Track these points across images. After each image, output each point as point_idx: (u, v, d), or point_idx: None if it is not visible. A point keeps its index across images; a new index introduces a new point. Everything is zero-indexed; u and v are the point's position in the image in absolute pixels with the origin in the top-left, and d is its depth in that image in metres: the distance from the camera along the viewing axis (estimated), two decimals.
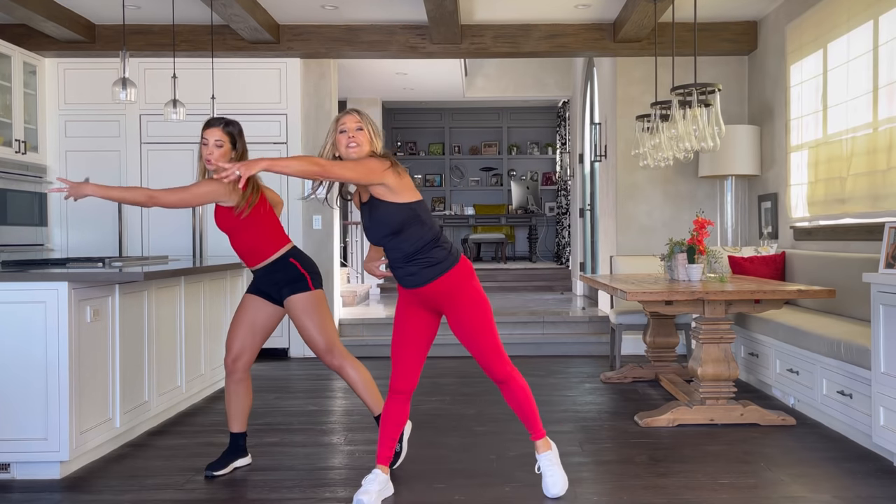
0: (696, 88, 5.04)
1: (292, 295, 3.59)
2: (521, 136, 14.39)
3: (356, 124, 3.15)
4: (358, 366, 3.70)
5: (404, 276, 3.16)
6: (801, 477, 3.50)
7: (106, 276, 3.66)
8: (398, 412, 3.23)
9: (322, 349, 3.62)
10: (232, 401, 3.68)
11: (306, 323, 3.59)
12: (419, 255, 3.11)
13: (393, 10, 6.45)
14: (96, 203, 6.95)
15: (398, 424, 3.25)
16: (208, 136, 3.54)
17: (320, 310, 3.62)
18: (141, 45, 6.77)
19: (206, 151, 3.54)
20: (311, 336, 3.60)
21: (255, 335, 3.65)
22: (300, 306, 3.59)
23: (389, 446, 3.24)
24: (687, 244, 4.85)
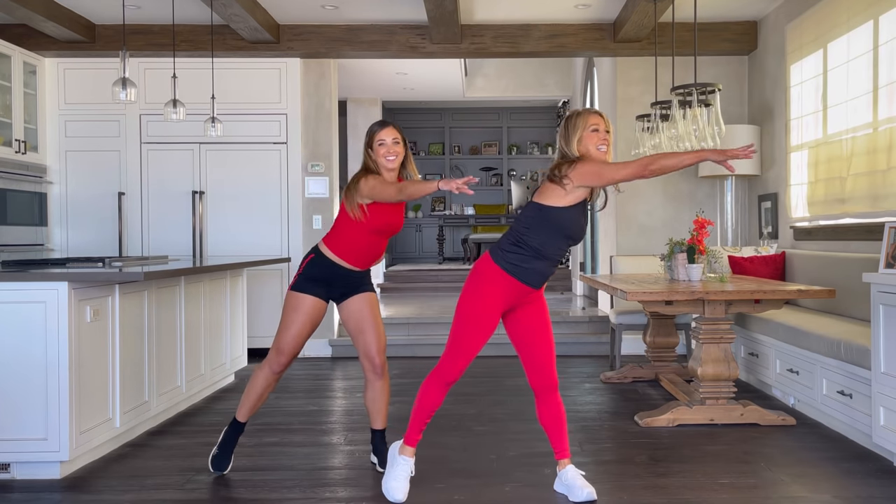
0: (696, 88, 5.04)
1: (370, 291, 3.62)
2: (521, 136, 14.38)
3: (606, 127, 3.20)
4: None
5: (546, 275, 3.23)
6: (801, 477, 3.50)
7: (106, 276, 3.66)
8: (439, 401, 3.26)
9: (383, 346, 3.60)
10: (258, 393, 3.59)
11: (377, 317, 3.60)
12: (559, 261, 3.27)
13: (393, 10, 6.45)
14: (96, 203, 6.96)
15: (434, 411, 3.29)
16: (385, 137, 3.45)
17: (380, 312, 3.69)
18: (141, 45, 6.77)
19: (386, 151, 3.44)
20: (380, 331, 3.59)
21: (310, 335, 3.62)
22: (374, 302, 3.62)
23: (421, 430, 3.31)
24: (687, 244, 4.85)
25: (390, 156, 3.45)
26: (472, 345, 3.18)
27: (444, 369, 3.21)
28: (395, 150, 3.45)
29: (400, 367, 6.34)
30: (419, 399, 3.27)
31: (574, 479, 3.24)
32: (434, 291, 10.24)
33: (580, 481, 3.22)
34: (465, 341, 3.18)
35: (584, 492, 3.18)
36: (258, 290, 6.88)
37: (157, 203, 6.98)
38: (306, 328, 3.53)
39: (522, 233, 3.17)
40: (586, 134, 3.17)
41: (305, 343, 3.62)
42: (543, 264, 3.17)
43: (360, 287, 3.59)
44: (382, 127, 3.48)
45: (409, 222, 14.14)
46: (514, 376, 5.89)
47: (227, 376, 5.75)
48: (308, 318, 3.53)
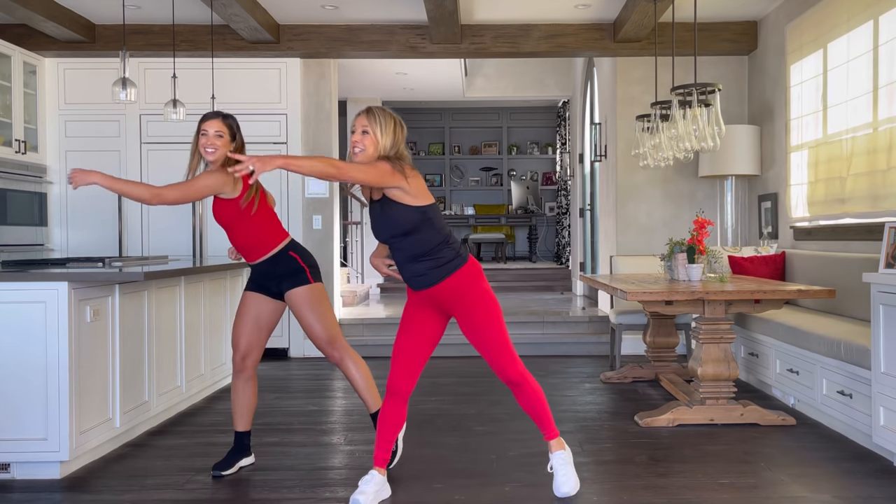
0: (696, 88, 5.04)
1: (293, 288, 3.59)
2: (521, 136, 14.39)
3: (362, 127, 3.10)
4: (359, 361, 3.71)
5: (412, 276, 3.15)
6: (801, 477, 3.50)
7: (106, 276, 3.66)
8: (395, 414, 3.21)
9: (324, 341, 3.62)
10: (239, 400, 3.68)
11: (307, 315, 3.59)
12: (427, 257, 3.11)
13: (393, 10, 6.45)
14: (96, 203, 6.96)
15: (395, 426, 3.22)
16: (208, 128, 3.52)
17: (321, 302, 3.63)
18: (141, 45, 6.77)
19: (206, 142, 3.51)
20: (313, 328, 3.60)
21: (261, 331, 3.65)
22: (300, 299, 3.59)
23: (386, 448, 3.23)
24: (687, 244, 4.85)
25: (209, 147, 3.52)
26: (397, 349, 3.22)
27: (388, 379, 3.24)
28: (213, 143, 3.52)
29: None
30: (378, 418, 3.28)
31: (557, 469, 3.29)
32: None
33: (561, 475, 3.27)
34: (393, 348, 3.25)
35: (561, 489, 3.26)
36: None
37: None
38: (246, 321, 3.62)
39: None
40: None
41: (260, 338, 3.64)
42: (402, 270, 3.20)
43: (283, 283, 3.60)
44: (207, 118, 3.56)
45: None
46: None
47: (227, 376, 5.74)
48: (245, 310, 3.63)
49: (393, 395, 3.20)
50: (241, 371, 3.65)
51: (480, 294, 3.17)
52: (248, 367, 3.65)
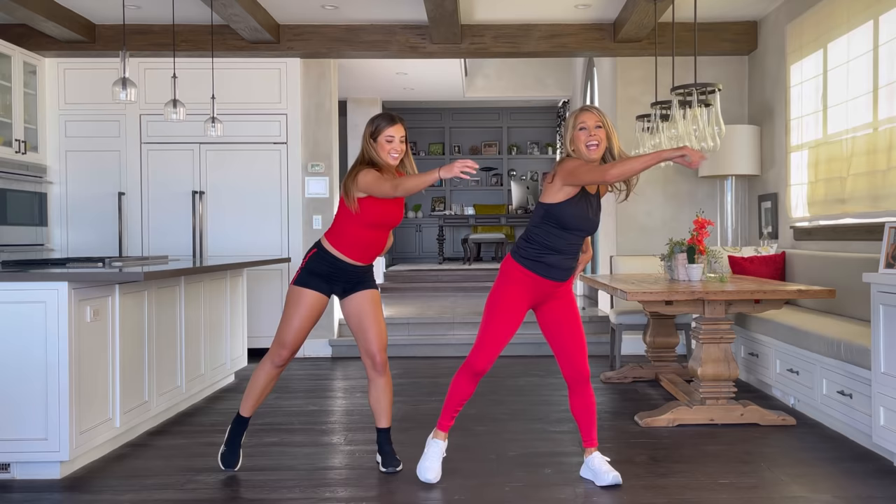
0: (696, 88, 5.04)
1: (372, 288, 3.61)
2: (521, 136, 14.38)
3: (595, 122, 3.28)
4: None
5: (563, 268, 3.35)
6: (801, 477, 3.50)
7: (106, 276, 3.66)
8: (470, 390, 3.47)
9: (384, 344, 3.60)
10: (264, 388, 3.62)
11: (378, 316, 3.60)
12: (578, 255, 3.40)
13: (393, 10, 6.45)
14: (96, 203, 6.96)
15: (466, 400, 3.49)
16: (394, 133, 3.45)
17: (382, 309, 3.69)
18: (141, 45, 6.77)
19: (392, 148, 3.44)
20: (381, 329, 3.58)
21: (311, 329, 3.63)
22: (377, 299, 3.62)
23: (453, 417, 3.53)
24: (687, 244, 4.85)
25: (395, 153, 3.45)
26: (495, 336, 3.37)
27: (471, 360, 3.42)
28: (400, 149, 3.47)
29: (400, 367, 6.34)
30: (450, 389, 3.50)
31: (600, 465, 3.41)
32: (434, 291, 10.24)
33: (605, 466, 3.39)
34: (489, 333, 3.38)
35: (609, 476, 3.36)
36: (258, 290, 6.88)
37: (157, 203, 6.98)
38: (307, 322, 3.55)
39: (531, 230, 3.36)
40: (575, 133, 3.31)
41: (306, 337, 3.64)
42: (556, 258, 3.32)
43: (361, 283, 3.59)
44: (392, 123, 3.46)
45: (409, 222, 14.14)
46: (514, 376, 5.89)
47: (228, 376, 5.75)
48: (309, 312, 3.54)
49: (475, 375, 3.42)
50: (282, 365, 3.60)
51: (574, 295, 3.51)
52: (286, 361, 3.61)
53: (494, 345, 3.39)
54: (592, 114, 3.30)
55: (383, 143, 3.45)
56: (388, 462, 3.63)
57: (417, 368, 6.29)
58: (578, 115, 3.31)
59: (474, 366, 3.40)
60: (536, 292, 3.39)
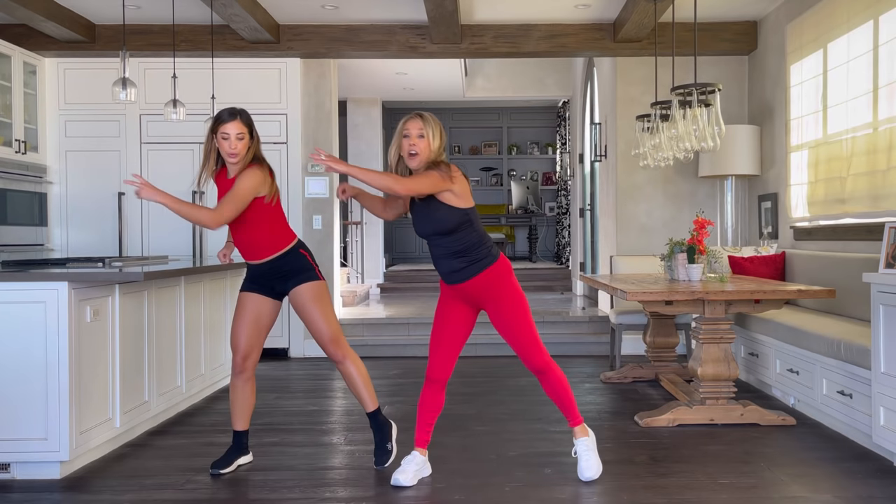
0: (696, 88, 5.04)
1: (302, 284, 3.59)
2: (521, 136, 14.38)
3: (418, 131, 3.29)
4: (358, 361, 3.72)
5: (448, 272, 3.38)
6: (801, 477, 3.50)
7: (106, 276, 3.66)
8: (434, 399, 3.48)
9: (328, 338, 3.61)
10: (238, 400, 3.69)
11: (315, 311, 3.59)
12: (464, 254, 3.34)
13: (393, 10, 6.45)
14: (96, 203, 6.96)
15: (434, 411, 3.49)
16: (229, 130, 3.47)
17: (327, 299, 3.65)
18: (141, 45, 6.77)
19: (229, 146, 3.46)
20: (319, 325, 3.59)
21: (261, 332, 3.65)
22: (310, 295, 3.59)
23: (426, 430, 3.50)
24: (687, 244, 4.85)
25: (233, 150, 3.48)
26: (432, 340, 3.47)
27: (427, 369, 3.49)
28: (236, 146, 3.48)
29: (400, 367, 6.34)
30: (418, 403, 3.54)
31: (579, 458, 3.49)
32: (434, 291, 10.24)
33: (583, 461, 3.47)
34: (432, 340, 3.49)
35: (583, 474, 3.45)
36: None
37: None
38: (246, 322, 3.61)
39: None
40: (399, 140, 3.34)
41: (259, 339, 3.64)
42: (438, 264, 3.41)
43: (289, 280, 3.60)
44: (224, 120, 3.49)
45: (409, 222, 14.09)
46: (514, 376, 5.89)
47: (227, 376, 5.74)
48: (245, 311, 3.62)
49: (432, 383, 3.45)
50: (242, 372, 3.65)
51: (509, 289, 3.41)
52: (248, 367, 3.66)
53: (436, 348, 3.44)
54: (416, 122, 3.30)
55: (221, 142, 3.51)
56: (378, 457, 3.70)
57: (417, 368, 6.29)
58: (405, 122, 3.33)
59: (428, 373, 3.46)
60: (462, 295, 3.42)
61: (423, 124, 3.30)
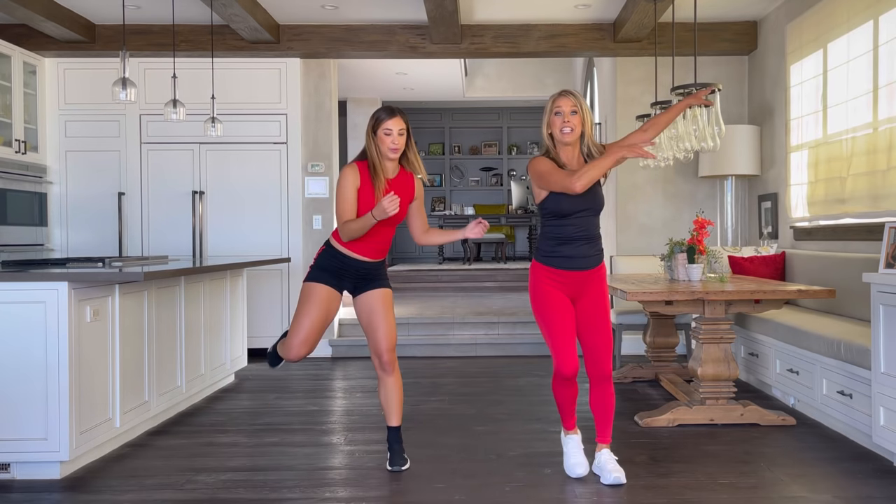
0: (696, 88, 5.04)
1: (385, 288, 3.63)
2: (521, 136, 14.38)
3: (571, 107, 3.31)
4: (400, 376, 3.74)
5: (579, 255, 3.36)
6: (801, 477, 3.50)
7: (106, 276, 3.66)
8: (573, 392, 3.48)
9: (391, 345, 3.61)
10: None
11: (388, 315, 3.61)
12: (597, 241, 3.41)
13: (393, 10, 6.45)
14: (96, 203, 6.96)
15: (575, 400, 3.52)
16: (392, 126, 3.46)
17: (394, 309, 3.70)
18: (141, 45, 6.77)
19: (392, 142, 3.46)
20: (387, 330, 3.59)
21: (324, 330, 3.66)
22: (388, 300, 3.63)
23: (573, 414, 3.56)
24: (687, 244, 4.85)
25: (392, 145, 3.47)
26: (555, 333, 3.36)
27: (555, 367, 3.43)
28: (399, 143, 3.48)
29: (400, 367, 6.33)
30: (555, 398, 3.56)
31: (606, 463, 3.44)
32: (434, 291, 10.24)
33: (611, 465, 3.42)
34: (552, 334, 3.38)
35: (611, 476, 3.39)
36: (258, 290, 6.88)
37: (157, 203, 6.98)
38: (320, 316, 3.58)
39: (542, 229, 3.47)
40: (551, 118, 3.35)
41: (320, 334, 3.64)
42: (570, 246, 3.36)
43: (373, 282, 3.62)
44: (390, 116, 3.47)
45: None
46: (514, 376, 5.89)
47: (228, 376, 5.75)
48: (321, 306, 3.57)
49: (567, 380, 3.41)
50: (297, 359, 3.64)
51: (606, 287, 3.47)
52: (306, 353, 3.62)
53: (563, 343, 3.36)
54: (569, 99, 3.32)
55: (382, 136, 3.47)
56: (395, 461, 3.65)
57: (417, 368, 6.29)
58: (556, 100, 3.34)
59: (560, 371, 3.39)
60: (567, 285, 3.40)
61: (577, 100, 3.31)
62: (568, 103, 3.31)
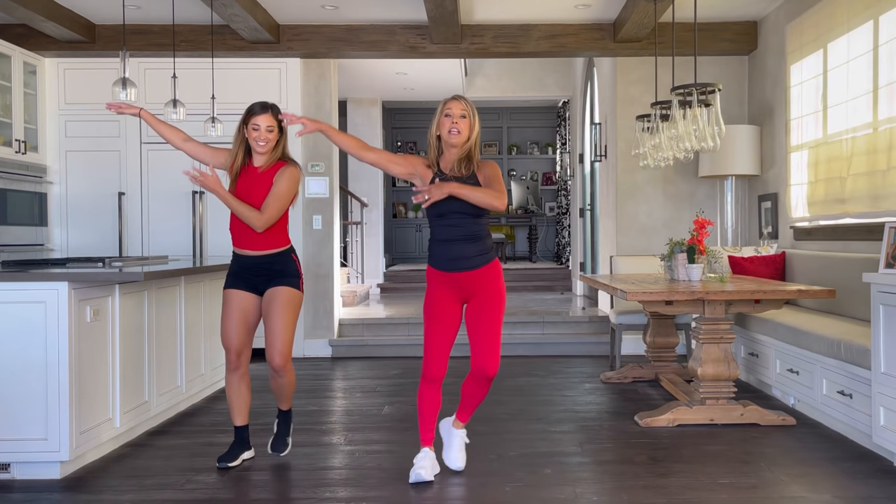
0: (696, 88, 5.04)
1: (283, 286, 3.62)
2: (521, 136, 14.38)
3: (461, 111, 3.41)
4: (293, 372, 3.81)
5: (458, 257, 3.39)
6: (801, 477, 3.50)
7: (106, 276, 3.66)
8: (435, 398, 3.47)
9: (282, 348, 3.63)
10: (235, 396, 3.74)
11: (283, 317, 3.60)
12: (479, 241, 3.41)
13: (393, 10, 6.45)
14: (96, 203, 6.96)
15: (436, 409, 3.48)
16: (259, 122, 3.58)
17: (297, 313, 3.69)
18: (141, 45, 6.77)
19: (259, 137, 3.57)
20: (280, 331, 3.60)
21: (250, 329, 3.70)
22: (286, 299, 3.62)
23: (430, 429, 3.50)
24: (687, 244, 4.85)
25: (262, 142, 3.60)
26: (428, 336, 3.42)
27: (422, 367, 3.46)
28: (266, 137, 3.60)
29: (400, 367, 6.34)
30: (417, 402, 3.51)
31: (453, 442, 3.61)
32: None
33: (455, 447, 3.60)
34: (425, 335, 3.45)
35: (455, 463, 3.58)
36: None
37: (157, 203, 6.98)
38: (235, 320, 3.64)
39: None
40: (440, 119, 3.45)
41: (250, 335, 3.70)
42: (445, 246, 3.42)
43: (274, 279, 3.64)
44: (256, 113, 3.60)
45: (409, 222, 14.15)
46: (514, 376, 5.89)
47: None
48: (233, 309, 3.65)
49: (430, 382, 3.44)
50: (237, 369, 3.71)
51: (501, 287, 3.47)
52: (242, 364, 3.71)
53: (434, 346, 3.41)
54: (460, 103, 3.42)
55: (251, 132, 3.61)
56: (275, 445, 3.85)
57: (417, 368, 6.29)
58: (448, 103, 3.45)
59: (424, 372, 3.44)
60: (456, 287, 3.43)
61: (467, 105, 3.41)
62: (458, 107, 3.41)
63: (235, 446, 3.76)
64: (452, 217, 3.37)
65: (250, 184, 3.62)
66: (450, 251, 3.40)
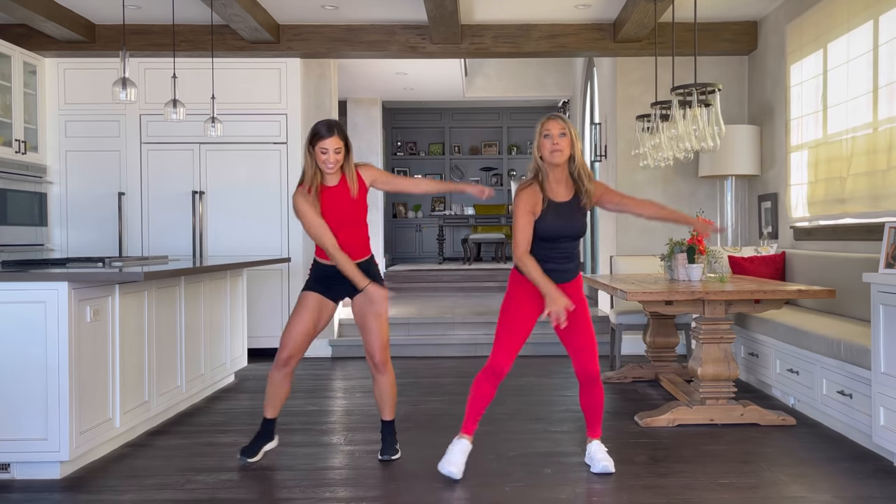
0: (696, 88, 5.04)
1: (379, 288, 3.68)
2: (521, 136, 14.38)
3: (560, 129, 3.45)
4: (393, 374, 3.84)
5: (560, 271, 3.49)
6: (801, 477, 3.50)
7: (106, 276, 3.66)
8: (491, 392, 3.52)
9: (383, 343, 3.72)
10: (275, 391, 3.77)
11: (381, 315, 3.70)
12: (575, 258, 3.56)
13: (393, 10, 6.45)
14: (96, 203, 6.96)
15: (487, 402, 3.54)
16: (328, 146, 3.52)
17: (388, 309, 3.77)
18: (141, 45, 6.76)
19: (328, 159, 3.53)
20: (381, 328, 3.70)
21: (313, 333, 3.74)
22: (382, 299, 3.68)
23: (476, 420, 3.56)
24: (687, 244, 4.85)
25: (331, 164, 3.56)
26: (503, 337, 3.49)
27: (489, 360, 3.52)
28: (334, 159, 3.56)
29: (400, 367, 6.32)
30: (471, 392, 3.55)
31: (595, 453, 3.59)
32: (434, 291, 10.24)
33: (600, 454, 3.58)
34: (500, 333, 3.52)
35: (600, 464, 3.54)
36: (258, 290, 6.87)
37: (157, 203, 6.98)
38: (306, 323, 3.69)
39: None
40: (540, 140, 3.51)
41: (310, 339, 3.74)
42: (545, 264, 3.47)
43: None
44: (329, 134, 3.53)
45: (409, 222, 14.15)
46: (514, 376, 5.89)
47: (228, 376, 5.75)
48: (308, 312, 3.69)
49: (494, 376, 3.49)
50: (285, 366, 3.73)
51: (583, 294, 3.64)
52: (292, 364, 3.74)
53: (502, 345, 3.48)
54: (557, 122, 3.45)
55: (318, 154, 3.56)
56: (386, 450, 3.80)
57: (417, 368, 6.29)
58: (544, 123, 3.49)
59: (492, 365, 3.49)
60: (535, 295, 3.49)
61: (564, 123, 3.44)
62: (557, 126, 3.44)
63: (260, 438, 3.81)
64: (561, 241, 3.49)
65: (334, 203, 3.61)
66: (554, 266, 3.49)
